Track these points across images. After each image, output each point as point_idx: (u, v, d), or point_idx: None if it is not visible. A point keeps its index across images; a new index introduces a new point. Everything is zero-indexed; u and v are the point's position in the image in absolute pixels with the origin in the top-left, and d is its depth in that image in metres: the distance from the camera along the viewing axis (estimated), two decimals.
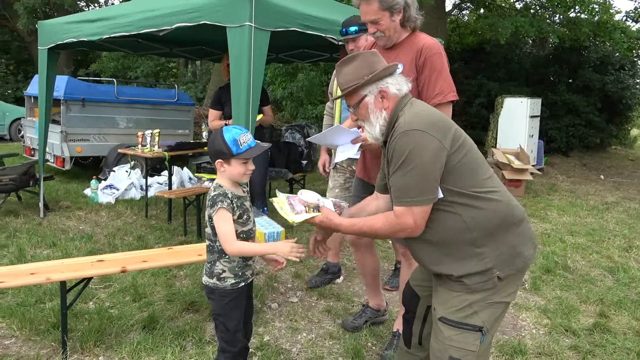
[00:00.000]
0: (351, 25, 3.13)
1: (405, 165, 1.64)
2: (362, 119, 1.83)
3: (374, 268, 3.00)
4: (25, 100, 7.93)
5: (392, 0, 2.29)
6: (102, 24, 4.24)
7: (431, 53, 2.34)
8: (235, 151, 1.94)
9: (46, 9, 16.76)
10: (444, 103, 2.35)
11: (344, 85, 1.82)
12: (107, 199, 5.92)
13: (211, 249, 2.05)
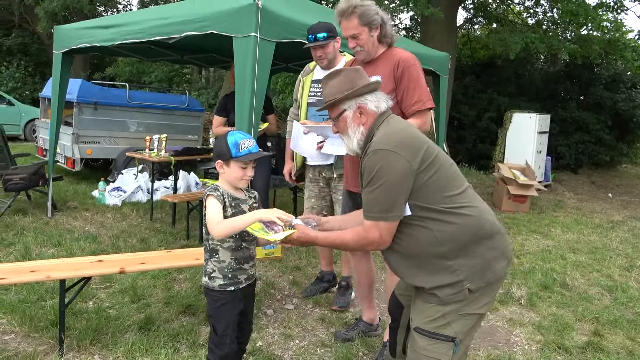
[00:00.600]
0: (320, 32, 3.07)
1: (373, 182, 1.73)
2: (341, 131, 1.92)
3: (370, 276, 3.03)
4: (40, 101, 8.11)
5: (370, 17, 2.48)
6: (115, 30, 4.37)
7: (408, 65, 2.53)
8: (235, 154, 2.00)
9: (65, 13, 17.13)
10: (422, 110, 2.52)
11: (327, 98, 1.91)
12: (114, 200, 6.02)
13: (205, 248, 2.12)
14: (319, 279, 3.74)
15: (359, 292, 3.12)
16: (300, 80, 3.41)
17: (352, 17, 2.49)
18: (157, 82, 16.08)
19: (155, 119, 7.73)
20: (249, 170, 2.07)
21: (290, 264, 4.24)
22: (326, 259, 3.69)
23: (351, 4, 2.49)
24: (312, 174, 3.38)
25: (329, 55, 3.15)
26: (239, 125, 3.45)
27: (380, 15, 2.55)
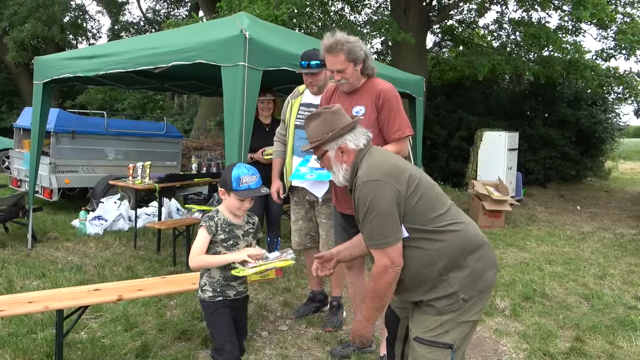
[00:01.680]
0: (313, 60, 3.19)
1: (368, 213, 1.87)
2: (327, 168, 2.10)
3: (364, 291, 3.12)
4: (15, 132, 7.99)
5: (356, 53, 2.67)
6: (99, 60, 4.42)
7: (388, 96, 2.74)
8: (235, 187, 2.20)
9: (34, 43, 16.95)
10: (402, 137, 2.73)
11: (310, 139, 2.10)
12: (95, 230, 5.96)
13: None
14: (310, 299, 3.80)
15: (354, 308, 3.20)
16: (289, 102, 3.50)
17: (340, 53, 2.66)
18: (130, 109, 15.99)
19: (133, 146, 7.71)
20: (247, 203, 2.26)
21: (280, 285, 4.29)
22: (316, 279, 3.74)
23: (338, 40, 2.65)
24: (297, 197, 3.47)
25: (320, 83, 3.29)
26: (229, 151, 3.54)
27: (364, 51, 2.72)
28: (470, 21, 13.20)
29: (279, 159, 3.55)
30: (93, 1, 21.17)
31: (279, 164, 3.53)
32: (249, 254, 2.22)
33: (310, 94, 3.38)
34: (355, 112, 2.78)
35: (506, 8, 12.11)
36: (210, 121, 13.28)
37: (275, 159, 3.60)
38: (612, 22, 9.60)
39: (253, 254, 2.22)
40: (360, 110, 2.76)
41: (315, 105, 3.33)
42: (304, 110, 3.37)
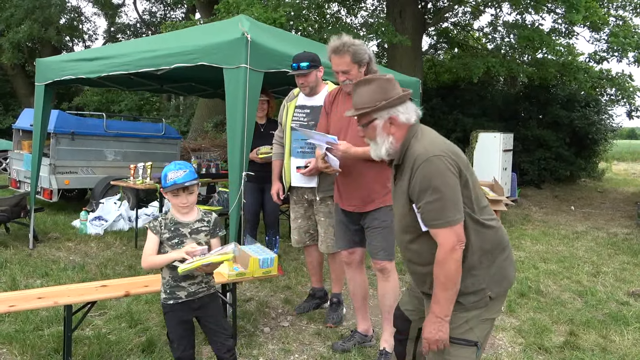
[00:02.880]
0: (303, 61, 3.30)
1: (434, 191, 1.78)
2: (370, 138, 1.98)
3: (364, 288, 3.21)
4: (14, 133, 8.03)
5: (361, 55, 2.79)
6: (101, 62, 4.48)
7: None
8: (163, 185, 2.33)
9: (30, 44, 16.97)
10: None
11: (358, 105, 1.97)
12: (95, 230, 6.01)
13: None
14: (311, 296, 3.88)
15: (354, 304, 3.28)
16: (285, 105, 3.57)
17: (345, 54, 2.78)
18: (127, 110, 16.02)
19: (132, 147, 7.77)
20: (182, 198, 2.33)
21: (280, 283, 4.36)
22: (316, 275, 3.83)
23: (344, 42, 2.78)
24: (297, 195, 3.54)
25: (311, 84, 3.37)
26: (231, 151, 3.61)
27: (368, 54, 2.84)
28: (465, 24, 13.35)
29: (278, 160, 3.61)
30: (89, 3, 21.17)
31: (279, 166, 3.61)
32: (186, 250, 2.25)
33: (305, 96, 3.47)
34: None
35: (500, 11, 12.27)
36: (207, 122, 13.34)
37: (274, 160, 3.67)
38: (604, 24, 9.76)
39: (190, 251, 2.25)
40: None
41: (309, 106, 3.43)
42: (299, 113, 3.45)
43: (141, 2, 22.23)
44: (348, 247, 3.12)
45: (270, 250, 3.29)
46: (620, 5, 10.19)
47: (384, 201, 2.91)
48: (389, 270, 2.99)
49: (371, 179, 2.89)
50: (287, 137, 3.48)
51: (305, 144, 3.37)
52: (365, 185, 2.90)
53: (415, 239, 1.94)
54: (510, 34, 11.44)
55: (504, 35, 12.10)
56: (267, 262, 3.13)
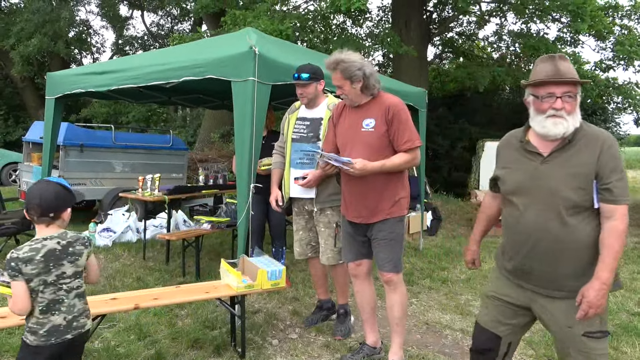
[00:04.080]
0: (303, 72, 3.34)
1: (621, 170, 1.94)
2: (570, 111, 1.97)
3: (372, 300, 3.20)
4: (24, 145, 8.12)
5: (351, 72, 2.85)
6: (111, 75, 4.54)
7: (397, 109, 2.87)
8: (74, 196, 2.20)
9: (40, 57, 17.21)
10: (412, 148, 2.86)
11: (569, 75, 1.96)
12: (104, 241, 6.05)
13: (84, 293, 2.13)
14: (318, 308, 3.87)
15: (362, 316, 3.27)
16: (287, 117, 3.60)
17: (336, 71, 2.88)
18: (134, 122, 16.16)
19: (140, 159, 7.83)
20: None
21: (288, 295, 4.36)
22: (322, 287, 3.81)
23: (335, 59, 2.86)
24: (297, 207, 3.54)
25: (309, 95, 3.39)
26: (239, 163, 3.64)
27: (363, 71, 2.84)
28: (470, 33, 13.40)
29: (278, 169, 3.62)
30: (97, 16, 21.47)
31: (278, 175, 3.60)
32: None
33: (305, 108, 3.49)
34: (366, 124, 2.91)
35: (505, 20, 12.31)
36: (214, 133, 13.43)
37: (274, 169, 3.66)
38: (609, 33, 9.77)
39: None
40: (371, 123, 2.90)
41: (309, 118, 3.45)
42: (300, 125, 3.48)
43: (148, 15, 22.49)
44: (355, 259, 3.12)
45: (278, 262, 3.30)
46: (625, 15, 10.19)
47: (390, 212, 2.91)
48: (396, 282, 2.99)
49: (378, 190, 2.89)
50: (287, 149, 3.50)
51: (304, 155, 3.40)
52: (372, 197, 2.91)
53: (573, 216, 1.95)
54: (516, 43, 11.46)
55: (509, 44, 12.13)
56: (275, 274, 3.14)
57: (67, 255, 2.03)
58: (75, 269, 2.06)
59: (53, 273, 2.00)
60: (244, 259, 3.34)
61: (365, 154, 2.85)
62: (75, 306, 2.07)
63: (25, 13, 16.12)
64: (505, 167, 2.17)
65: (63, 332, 2.03)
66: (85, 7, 21.37)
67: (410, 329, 3.80)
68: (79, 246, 2.07)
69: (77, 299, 2.08)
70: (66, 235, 2.06)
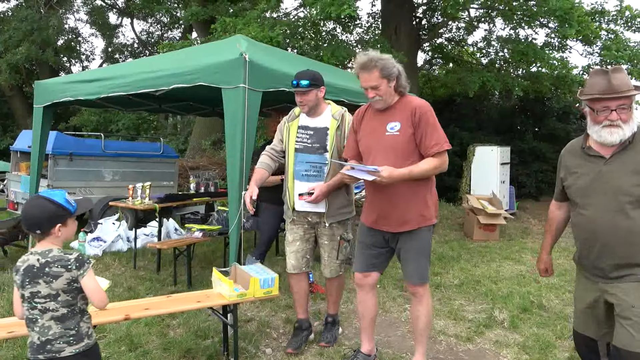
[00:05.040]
0: (303, 79, 3.17)
1: None
2: (624, 120, 2.12)
3: (373, 310, 3.13)
4: (12, 155, 8.02)
5: (389, 70, 2.73)
6: (100, 83, 4.52)
7: (424, 111, 2.77)
8: (73, 210, 2.03)
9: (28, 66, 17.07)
10: (441, 151, 2.75)
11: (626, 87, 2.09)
12: (94, 251, 5.98)
13: (71, 314, 2.01)
14: (298, 329, 3.54)
15: (361, 324, 3.21)
16: (286, 124, 3.39)
17: (374, 70, 2.72)
18: (124, 130, 16.06)
19: (130, 167, 7.77)
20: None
21: (281, 303, 4.33)
22: (303, 306, 3.55)
23: (372, 57, 2.71)
24: (297, 216, 3.34)
25: (310, 103, 3.22)
26: (231, 171, 3.62)
27: (397, 68, 2.76)
28: (459, 39, 13.50)
29: (262, 170, 3.37)
30: (87, 24, 21.36)
31: (260, 175, 3.35)
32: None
33: (307, 116, 3.32)
34: (390, 127, 2.79)
35: (494, 26, 12.42)
36: (205, 140, 13.38)
37: (258, 168, 3.39)
38: (596, 38, 9.88)
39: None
40: (396, 126, 2.78)
41: (312, 127, 3.28)
42: (302, 133, 3.30)
43: (138, 23, 22.43)
44: (364, 270, 3.03)
45: (270, 270, 3.27)
46: (611, 19, 10.33)
47: (419, 222, 2.82)
48: (422, 294, 2.92)
49: (406, 199, 2.78)
50: (290, 160, 3.32)
51: (310, 166, 3.24)
52: (400, 205, 2.80)
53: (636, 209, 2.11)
54: (504, 49, 11.57)
55: (497, 49, 12.24)
56: (267, 282, 3.11)
57: (43, 275, 1.94)
58: (49, 290, 1.95)
59: (28, 289, 1.95)
60: (236, 267, 3.31)
61: (390, 159, 2.73)
62: (51, 329, 1.97)
63: (13, 21, 16.02)
64: (570, 173, 2.33)
65: (36, 351, 1.98)
66: (74, 15, 21.31)
67: (404, 335, 3.78)
68: (56, 268, 1.94)
69: (53, 321, 1.97)
70: (48, 254, 1.96)
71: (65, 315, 1.99)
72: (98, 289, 2.04)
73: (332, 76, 4.91)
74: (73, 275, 1.97)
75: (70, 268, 1.96)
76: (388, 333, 3.78)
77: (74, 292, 2.00)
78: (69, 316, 2.00)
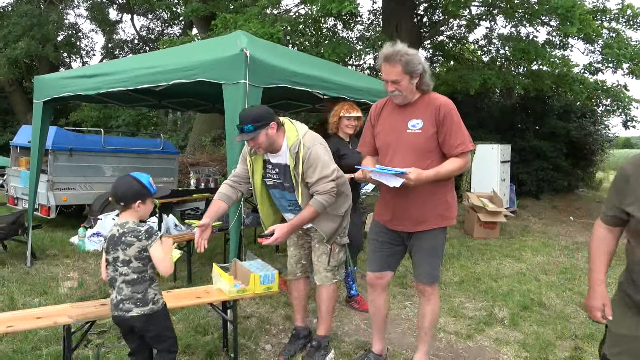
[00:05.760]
0: (246, 124, 2.78)
1: None
2: None
3: (384, 310, 3.09)
4: (11, 150, 8.01)
5: (414, 66, 2.62)
6: (100, 79, 4.50)
7: (448, 109, 2.67)
8: (153, 192, 2.41)
9: (27, 61, 17.03)
10: (465, 152, 2.67)
11: None
12: (94, 246, 5.97)
13: (140, 280, 2.34)
14: (294, 337, 3.43)
15: (373, 325, 3.16)
16: (247, 157, 3.04)
17: (397, 64, 2.59)
18: (124, 126, 16.04)
19: (130, 162, 7.74)
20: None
21: (281, 299, 4.32)
22: (301, 312, 3.42)
23: (397, 51, 2.59)
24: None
25: (263, 145, 2.84)
26: (230, 167, 3.60)
27: (422, 65, 2.65)
28: (460, 37, 13.47)
29: (220, 201, 3.01)
30: (87, 20, 21.30)
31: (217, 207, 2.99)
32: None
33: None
34: (412, 125, 2.70)
35: (495, 24, 12.39)
36: (205, 137, 13.36)
37: (216, 199, 3.03)
38: (598, 36, 9.84)
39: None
40: (418, 124, 2.70)
41: (275, 164, 2.97)
42: (271, 170, 3.01)
43: (138, 19, 22.36)
44: (377, 271, 2.98)
45: (271, 267, 3.26)
46: (613, 18, 10.29)
47: (436, 222, 2.77)
48: (430, 293, 2.89)
49: (425, 199, 2.72)
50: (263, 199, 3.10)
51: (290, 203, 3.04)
52: (418, 205, 2.74)
53: None
54: (505, 46, 11.54)
55: (499, 47, 12.20)
56: (268, 278, 3.10)
57: (120, 243, 2.30)
58: (125, 257, 2.30)
59: (111, 255, 2.33)
60: (236, 263, 3.30)
61: (411, 157, 2.66)
62: (123, 290, 2.32)
63: (13, 16, 15.96)
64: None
65: (114, 308, 2.36)
66: (74, 11, 21.20)
67: (404, 332, 3.78)
68: (130, 237, 2.29)
69: (125, 284, 2.32)
70: (125, 225, 2.32)
71: (135, 280, 2.32)
72: (163, 258, 2.32)
73: (333, 73, 4.90)
74: (143, 244, 2.29)
75: (141, 238, 2.29)
76: (388, 330, 3.76)
77: (144, 260, 2.32)
78: (139, 281, 2.33)
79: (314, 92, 4.31)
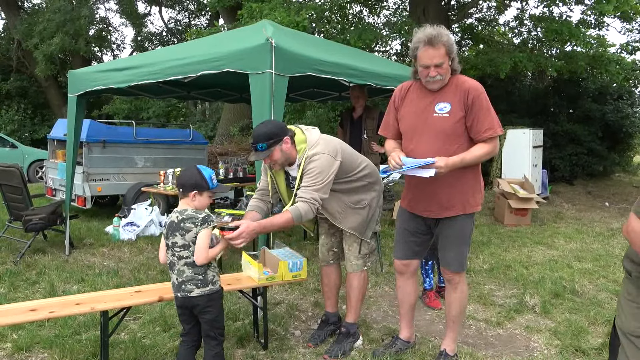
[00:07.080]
0: (259, 142, 2.75)
1: None
2: None
3: (413, 296, 3.10)
4: (48, 143, 8.29)
5: (454, 46, 2.59)
6: (131, 72, 4.60)
7: (477, 93, 2.60)
8: (211, 186, 2.52)
9: (62, 56, 17.53)
10: (494, 136, 2.61)
11: None
12: (128, 235, 6.16)
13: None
14: (324, 322, 3.44)
15: (400, 311, 3.17)
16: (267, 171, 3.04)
17: (441, 46, 2.51)
18: (155, 117, 16.37)
19: (161, 153, 7.92)
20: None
21: (310, 286, 4.38)
22: (332, 299, 3.40)
23: (440, 32, 2.50)
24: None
25: (279, 160, 2.83)
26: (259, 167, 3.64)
27: (455, 47, 2.60)
28: (490, 19, 13.13)
29: (254, 212, 3.00)
30: (117, 14, 21.74)
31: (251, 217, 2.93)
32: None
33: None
34: (439, 109, 2.63)
35: (526, 4, 12.01)
36: (233, 127, 13.51)
37: (249, 211, 3.03)
38: (636, 14, 9.44)
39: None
40: (445, 107, 2.62)
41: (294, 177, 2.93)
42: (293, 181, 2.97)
43: (166, 11, 22.67)
44: (404, 258, 2.99)
45: (299, 254, 3.30)
46: None
47: (463, 209, 2.72)
48: (458, 282, 2.87)
49: (451, 185, 2.69)
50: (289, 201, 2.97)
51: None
52: (445, 192, 2.70)
53: None
54: (537, 28, 11.18)
55: (530, 29, 11.84)
56: (296, 266, 3.15)
57: (179, 229, 2.44)
58: (183, 241, 2.44)
59: (170, 240, 2.48)
60: (265, 251, 3.36)
61: (438, 142, 2.61)
62: (184, 272, 2.47)
63: (47, 13, 16.42)
64: None
65: (176, 289, 2.52)
66: (104, 5, 21.76)
67: (432, 319, 3.78)
68: (188, 224, 2.43)
69: (186, 267, 2.47)
70: (184, 212, 2.46)
71: (194, 262, 2.46)
72: (203, 247, 2.43)
73: (359, 60, 4.87)
74: (197, 230, 2.43)
75: (197, 224, 2.43)
76: (416, 317, 3.77)
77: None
78: (194, 263, 2.46)
79: (340, 80, 4.30)
